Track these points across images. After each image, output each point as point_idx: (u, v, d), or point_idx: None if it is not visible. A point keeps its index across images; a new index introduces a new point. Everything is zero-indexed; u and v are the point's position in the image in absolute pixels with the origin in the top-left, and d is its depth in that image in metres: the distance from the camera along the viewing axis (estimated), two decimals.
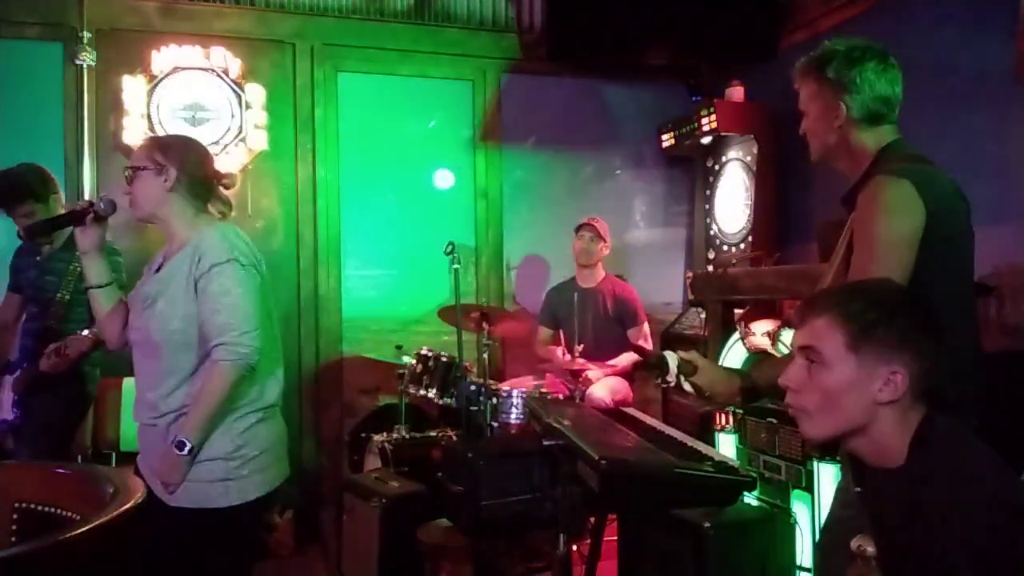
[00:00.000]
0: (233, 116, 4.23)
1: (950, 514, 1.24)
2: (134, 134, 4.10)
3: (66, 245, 3.13)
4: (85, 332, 2.99)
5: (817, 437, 1.41)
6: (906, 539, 1.31)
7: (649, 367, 1.85)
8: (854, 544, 1.46)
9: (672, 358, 1.81)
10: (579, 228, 4.31)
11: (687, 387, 1.80)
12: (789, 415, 1.46)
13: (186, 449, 1.96)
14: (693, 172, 5.04)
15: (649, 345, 4.29)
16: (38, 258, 3.17)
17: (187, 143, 2.21)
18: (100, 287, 2.21)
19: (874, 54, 1.88)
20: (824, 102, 1.87)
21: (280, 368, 2.19)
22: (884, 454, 1.36)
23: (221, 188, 2.24)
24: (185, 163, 2.11)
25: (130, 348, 2.17)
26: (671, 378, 1.80)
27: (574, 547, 2.69)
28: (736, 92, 4.47)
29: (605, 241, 4.29)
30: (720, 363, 3.12)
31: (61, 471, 1.74)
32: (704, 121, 4.42)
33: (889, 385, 1.33)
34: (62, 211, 2.77)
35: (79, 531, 1.19)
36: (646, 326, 4.30)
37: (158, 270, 2.14)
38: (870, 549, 1.41)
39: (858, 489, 1.48)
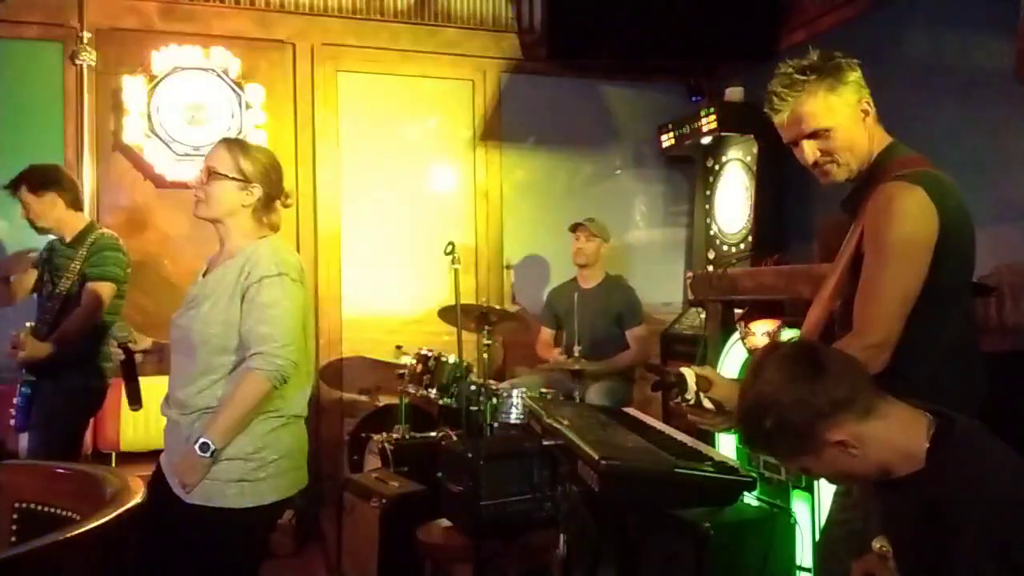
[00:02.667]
0: (233, 116, 4.23)
1: (970, 514, 1.24)
2: (134, 134, 4.10)
3: (72, 242, 3.19)
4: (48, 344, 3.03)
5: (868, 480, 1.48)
6: (928, 540, 1.31)
7: (668, 386, 1.79)
8: (875, 544, 1.45)
9: (690, 375, 1.75)
10: (574, 228, 4.30)
11: (707, 403, 1.75)
12: None
13: (209, 451, 1.96)
14: (693, 172, 5.04)
15: (647, 346, 4.29)
16: (49, 253, 3.23)
17: (272, 160, 2.21)
18: None
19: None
20: (850, 109, 1.78)
21: (309, 383, 2.21)
22: (908, 461, 1.37)
23: (284, 207, 2.26)
24: (269, 185, 2.15)
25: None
26: (690, 396, 1.75)
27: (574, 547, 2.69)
28: (736, 92, 4.47)
29: (602, 240, 4.29)
30: (720, 364, 3.11)
31: (61, 471, 1.74)
32: (704, 121, 4.41)
33: (847, 450, 1.37)
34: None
35: (79, 531, 1.19)
36: (644, 327, 4.29)
37: (205, 274, 2.17)
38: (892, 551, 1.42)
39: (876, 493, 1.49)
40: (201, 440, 1.97)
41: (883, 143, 1.83)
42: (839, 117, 1.78)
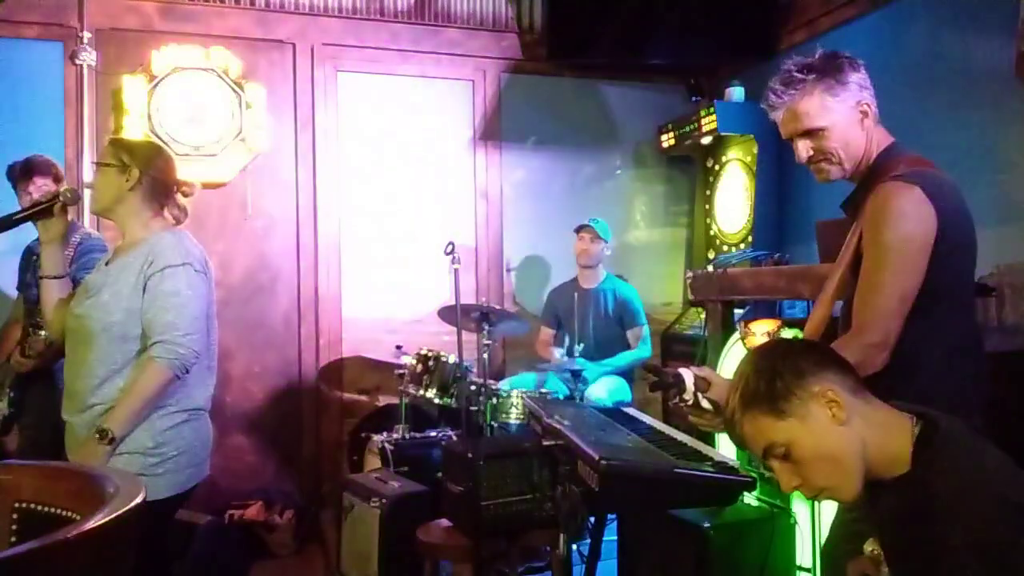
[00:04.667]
0: (233, 116, 4.23)
1: (957, 514, 1.24)
2: (134, 134, 4.10)
3: None
4: (42, 332, 3.01)
5: (856, 494, 1.39)
6: (915, 542, 1.31)
7: (666, 386, 1.80)
8: (867, 547, 1.46)
9: (688, 375, 1.76)
10: (579, 229, 4.32)
11: (705, 404, 1.76)
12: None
13: (107, 438, 1.99)
14: (693, 172, 5.04)
15: (648, 346, 4.29)
16: (35, 257, 3.20)
17: (154, 147, 2.35)
18: (55, 278, 2.30)
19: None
20: (847, 108, 1.79)
21: (211, 376, 2.25)
22: (893, 464, 1.37)
23: (180, 196, 2.32)
24: (149, 166, 2.21)
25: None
26: (688, 396, 1.76)
27: (574, 547, 2.69)
28: (736, 92, 4.48)
29: (606, 242, 4.30)
30: (720, 364, 3.12)
31: (61, 471, 1.74)
32: (704, 121, 4.41)
33: (832, 405, 1.35)
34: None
35: (79, 531, 1.19)
36: (646, 328, 4.30)
37: (108, 264, 2.23)
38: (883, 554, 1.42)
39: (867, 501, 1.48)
40: (101, 427, 1.99)
41: (883, 144, 1.83)
42: (834, 117, 1.79)
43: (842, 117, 1.79)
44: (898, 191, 1.69)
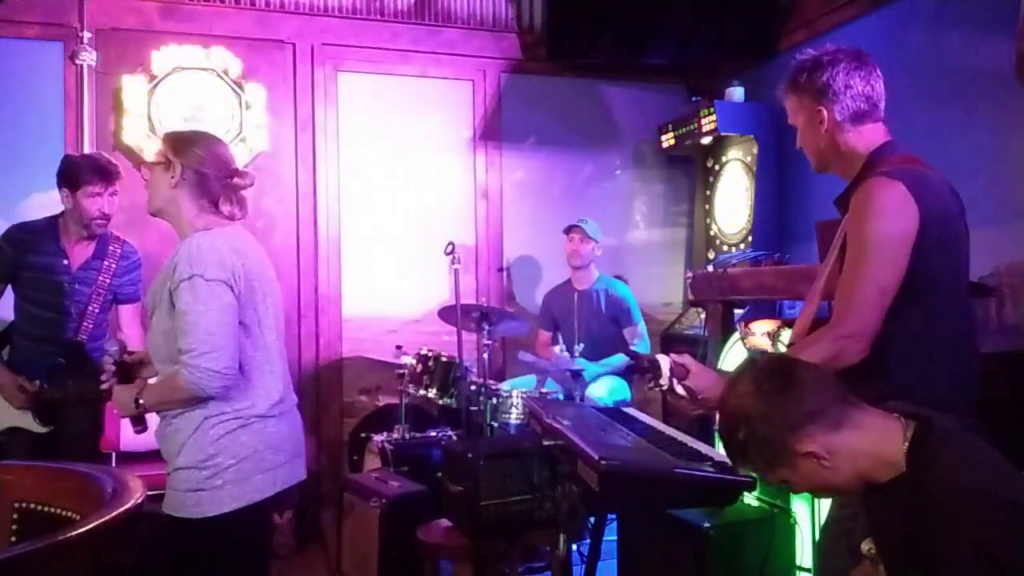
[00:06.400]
0: (233, 116, 4.23)
1: (953, 515, 1.24)
2: (134, 134, 4.10)
3: (96, 254, 3.10)
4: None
5: (853, 494, 1.50)
6: (912, 544, 1.31)
7: (642, 370, 1.85)
8: (864, 546, 1.46)
9: (665, 361, 1.80)
10: (568, 230, 4.30)
11: (679, 390, 1.79)
12: None
13: (141, 406, 2.03)
14: (693, 172, 5.04)
15: (646, 344, 4.29)
16: (65, 262, 3.03)
17: (199, 139, 2.13)
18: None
19: (845, 55, 1.86)
20: (807, 112, 1.88)
21: (272, 378, 2.05)
22: (888, 468, 1.37)
23: (237, 187, 2.11)
24: (191, 159, 2.04)
25: None
26: (663, 381, 1.80)
27: (574, 547, 2.69)
28: (736, 92, 4.48)
29: (596, 242, 4.28)
30: (720, 364, 3.12)
31: (61, 471, 1.74)
32: (704, 121, 4.42)
33: (819, 462, 1.37)
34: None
35: (79, 531, 1.19)
36: (641, 326, 4.29)
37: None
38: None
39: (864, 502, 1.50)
40: (137, 398, 2.04)
41: (877, 142, 1.84)
42: (798, 117, 1.92)
43: (803, 118, 1.90)
44: (879, 186, 1.71)
